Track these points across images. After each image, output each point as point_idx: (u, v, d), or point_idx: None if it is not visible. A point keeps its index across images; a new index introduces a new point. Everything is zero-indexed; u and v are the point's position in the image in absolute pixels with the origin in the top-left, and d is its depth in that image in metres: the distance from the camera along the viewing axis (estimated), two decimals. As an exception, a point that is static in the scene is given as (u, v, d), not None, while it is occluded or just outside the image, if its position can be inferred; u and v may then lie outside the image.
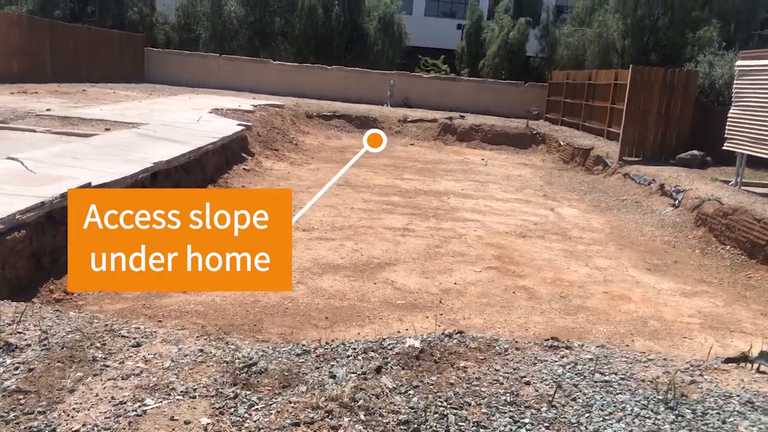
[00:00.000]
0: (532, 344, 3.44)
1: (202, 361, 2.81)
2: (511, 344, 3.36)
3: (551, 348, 3.41)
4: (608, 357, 3.34)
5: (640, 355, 3.44)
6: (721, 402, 2.89)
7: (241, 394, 2.51)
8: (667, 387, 2.90)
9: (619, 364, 3.25)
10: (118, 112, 12.30)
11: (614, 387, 2.95)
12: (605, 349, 3.49)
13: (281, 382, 2.67)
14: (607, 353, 3.40)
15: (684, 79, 13.90)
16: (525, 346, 3.39)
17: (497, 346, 3.28)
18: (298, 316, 5.25)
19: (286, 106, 19.68)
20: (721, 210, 9.60)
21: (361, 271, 6.59)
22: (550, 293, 6.53)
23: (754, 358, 3.46)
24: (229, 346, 3.06)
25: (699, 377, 3.17)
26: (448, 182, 12.98)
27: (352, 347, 3.14)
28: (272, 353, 3.03)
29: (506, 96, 26.65)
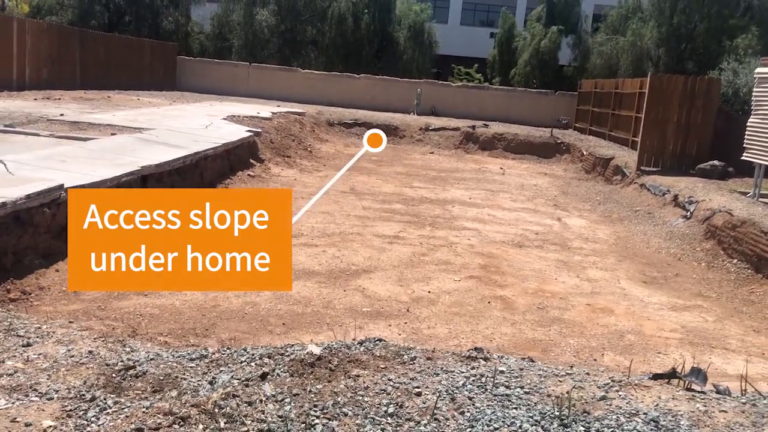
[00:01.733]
0: (448, 354, 3.32)
1: (83, 363, 2.77)
2: (423, 354, 3.24)
3: (468, 359, 3.28)
4: (524, 370, 3.20)
5: (560, 369, 3.28)
6: (623, 420, 2.72)
7: (101, 397, 2.46)
8: (566, 403, 2.75)
9: (533, 377, 3.10)
10: (130, 117, 12.51)
11: (513, 401, 2.81)
12: (525, 362, 3.34)
13: (154, 387, 2.61)
14: (524, 366, 3.25)
15: (705, 88, 13.49)
16: (439, 356, 3.27)
17: (405, 355, 3.17)
18: (254, 322, 5.20)
19: (308, 114, 19.78)
20: (730, 222, 9.25)
21: (335, 277, 6.52)
22: (528, 304, 6.34)
23: (685, 374, 3.27)
24: (124, 349, 3.02)
25: (614, 393, 3.00)
26: (458, 191, 12.82)
27: (250, 353, 3.06)
28: (165, 357, 2.97)
29: (536, 105, 26.29)
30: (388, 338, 5.19)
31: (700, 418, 2.81)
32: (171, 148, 9.16)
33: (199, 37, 32.42)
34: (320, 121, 19.83)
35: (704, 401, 3.01)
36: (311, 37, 30.12)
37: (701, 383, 3.21)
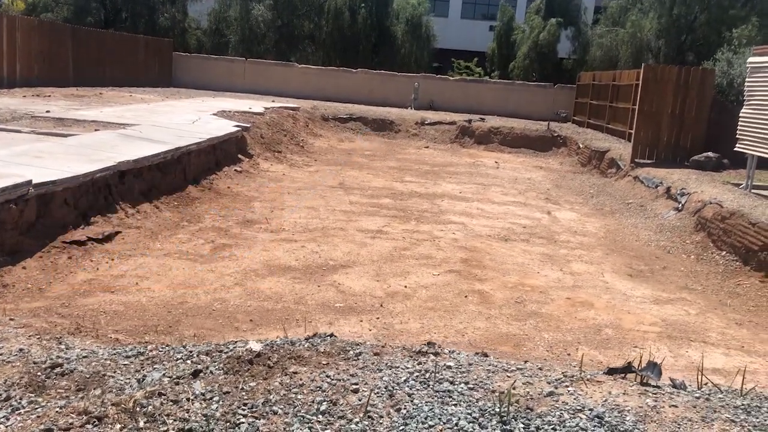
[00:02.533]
0: (397, 350, 3.22)
1: (9, 362, 2.69)
2: (371, 349, 3.15)
3: (417, 354, 3.19)
4: (473, 365, 3.10)
5: (511, 364, 3.19)
6: (567, 416, 2.63)
7: (17, 396, 2.38)
8: (508, 398, 2.65)
9: (480, 372, 3.01)
10: (117, 114, 12.43)
11: (454, 397, 2.72)
12: (477, 357, 3.25)
13: (78, 385, 2.53)
14: (474, 361, 3.16)
15: (699, 78, 13.33)
16: (387, 351, 3.17)
17: (351, 351, 3.08)
18: (221, 319, 5.12)
19: (302, 109, 19.68)
20: (719, 214, 9.12)
21: (311, 273, 6.43)
22: (506, 298, 6.24)
23: (640, 369, 3.17)
24: (59, 346, 2.93)
25: (563, 389, 2.90)
26: (449, 185, 12.71)
27: (188, 350, 2.98)
28: (99, 354, 2.89)
29: (534, 98, 26.10)
30: (358, 334, 5.12)
31: (647, 414, 2.71)
32: (153, 144, 9.08)
33: (196, 33, 32.34)
34: (315, 116, 19.73)
35: (656, 396, 2.91)
36: (308, 32, 30.00)
37: (656, 377, 3.10)
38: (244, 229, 7.87)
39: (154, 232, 7.25)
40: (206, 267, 6.26)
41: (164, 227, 7.55)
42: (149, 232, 7.18)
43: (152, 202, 8.17)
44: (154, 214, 7.91)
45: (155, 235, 7.12)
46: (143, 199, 8.07)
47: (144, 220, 7.57)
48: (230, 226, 7.99)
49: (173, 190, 8.89)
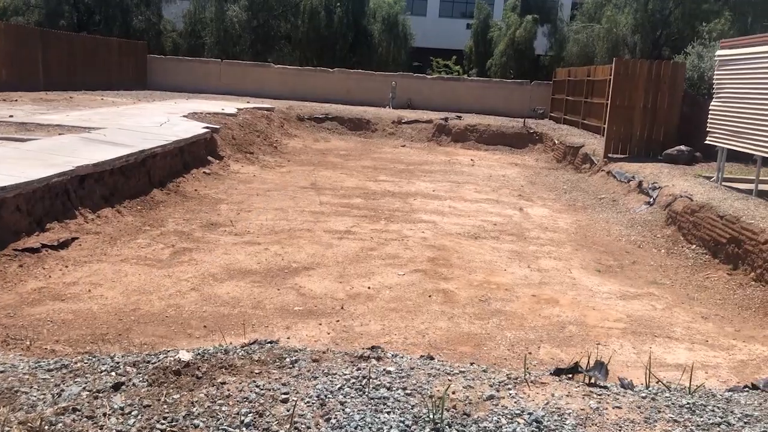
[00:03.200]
0: (338, 355, 3.11)
1: None
2: (310, 356, 3.04)
3: (359, 359, 3.08)
4: (415, 369, 3.00)
5: (455, 366, 3.09)
6: (504, 421, 2.53)
7: None
8: (441, 404, 2.55)
9: (421, 377, 2.90)
10: (84, 117, 12.22)
11: (388, 404, 2.61)
12: (420, 360, 3.15)
13: (-13, 403, 2.39)
14: (417, 365, 3.05)
15: (671, 72, 13.34)
16: (327, 357, 3.06)
17: (288, 358, 2.96)
18: (174, 325, 4.98)
19: (277, 109, 19.52)
20: (689, 207, 9.11)
21: (272, 276, 6.30)
22: (471, 296, 6.15)
23: (588, 369, 3.09)
24: (-19, 360, 2.80)
25: (504, 392, 2.81)
26: (423, 183, 12.62)
27: (115, 361, 2.85)
28: (20, 368, 2.76)
29: (511, 95, 26.10)
30: (316, 338, 5.01)
31: (588, 416, 2.62)
32: (116, 147, 8.91)
33: (172, 35, 32.05)
34: (290, 117, 19.57)
35: (600, 397, 2.82)
36: (285, 32, 29.81)
37: (603, 377, 3.02)
38: (207, 233, 7.73)
39: (114, 237, 7.09)
40: (163, 272, 6.12)
41: (125, 232, 7.39)
42: (108, 238, 7.02)
43: (114, 206, 8.01)
44: (116, 218, 7.75)
45: (114, 241, 6.96)
46: (105, 203, 7.90)
47: (104, 226, 7.41)
48: (193, 229, 7.84)
49: (137, 194, 8.72)
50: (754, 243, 7.33)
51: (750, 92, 9.86)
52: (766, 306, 6.47)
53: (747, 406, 2.86)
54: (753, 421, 2.68)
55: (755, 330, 5.93)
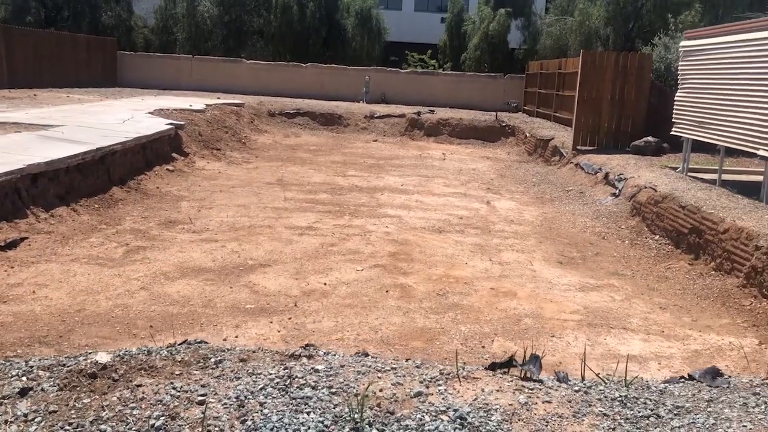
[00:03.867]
0: (269, 354, 3.03)
1: None
2: (238, 355, 2.95)
3: (290, 358, 3.00)
4: (345, 366, 2.92)
5: (388, 363, 3.01)
6: (428, 419, 2.46)
7: None
8: (362, 403, 2.48)
9: (350, 374, 2.83)
10: (44, 115, 11.98)
11: (310, 404, 2.53)
12: (353, 358, 3.07)
13: None
14: (348, 362, 2.98)
15: (638, 63, 13.37)
16: (257, 357, 2.97)
17: (213, 358, 2.87)
18: (119, 326, 4.86)
19: (248, 105, 19.33)
20: (653, 198, 9.13)
21: (226, 274, 6.19)
22: (429, 291, 6.09)
23: (522, 363, 3.03)
24: None
25: (434, 388, 2.74)
26: (392, 178, 12.54)
27: (28, 365, 2.74)
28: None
29: (485, 89, 26.09)
30: (265, 336, 4.91)
31: (516, 412, 2.56)
32: (73, 145, 8.72)
33: (143, 31, 31.63)
34: (260, 112, 19.39)
35: (531, 392, 2.77)
36: (257, 27, 29.53)
37: (537, 371, 2.96)
38: (164, 231, 7.59)
39: (66, 236, 6.93)
40: (114, 271, 5.98)
41: (79, 231, 7.23)
42: (60, 237, 6.86)
43: (70, 205, 7.84)
44: (71, 217, 7.58)
45: (66, 240, 6.80)
46: (60, 202, 7.73)
47: (58, 225, 7.24)
48: (150, 227, 7.70)
49: (95, 192, 8.55)
50: (714, 233, 7.35)
51: (712, 83, 9.90)
52: (724, 295, 6.49)
53: (680, 397, 2.82)
54: (683, 412, 2.64)
55: (712, 319, 5.93)
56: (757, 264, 6.42)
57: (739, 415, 2.63)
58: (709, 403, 2.76)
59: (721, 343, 5.34)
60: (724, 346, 5.27)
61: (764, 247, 6.40)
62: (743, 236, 6.83)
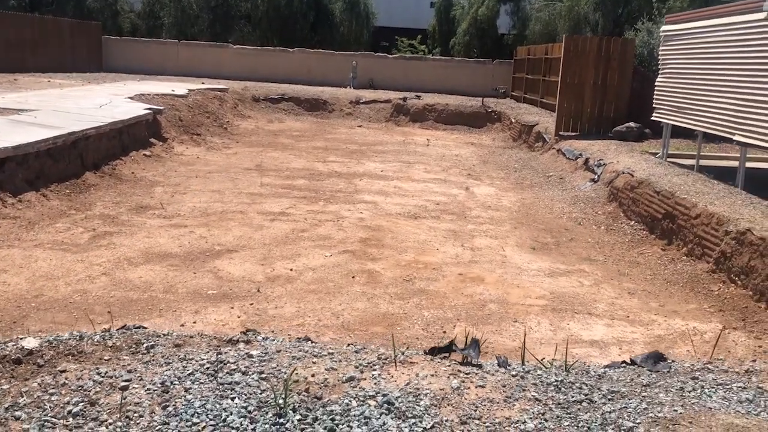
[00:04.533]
0: (205, 339, 2.98)
1: None
2: (173, 340, 2.90)
3: (227, 343, 2.96)
4: (282, 351, 2.88)
5: (326, 347, 2.98)
6: (355, 404, 2.43)
7: None
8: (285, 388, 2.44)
9: (284, 359, 2.79)
10: (20, 99, 11.85)
11: (237, 390, 2.49)
12: (292, 343, 3.03)
13: None
14: (285, 347, 2.94)
15: (620, 48, 13.31)
16: (192, 342, 2.93)
17: (146, 343, 2.82)
18: (77, 311, 4.80)
19: (232, 90, 19.19)
20: (629, 183, 9.11)
21: (192, 259, 6.13)
22: (396, 277, 6.05)
23: (463, 348, 3.00)
24: None
25: (368, 373, 2.71)
26: (373, 164, 12.48)
27: (-46, 351, 2.69)
28: None
29: (474, 75, 25.96)
30: (224, 322, 4.87)
31: (446, 397, 2.53)
32: (45, 129, 8.62)
33: (129, 15, 31.34)
34: (245, 97, 19.26)
35: (467, 376, 2.74)
36: (244, 12, 29.27)
37: (476, 356, 2.93)
38: (134, 216, 7.52)
39: (32, 222, 6.85)
40: (77, 257, 5.92)
41: (47, 216, 7.16)
42: (26, 223, 6.78)
43: (39, 190, 7.75)
44: (39, 203, 7.50)
45: (32, 225, 6.73)
46: (29, 187, 7.64)
47: (26, 210, 7.16)
48: (121, 212, 7.63)
49: (67, 178, 8.47)
50: (686, 218, 7.33)
51: (691, 68, 9.86)
52: (693, 281, 6.48)
53: (618, 382, 2.79)
54: (618, 397, 2.61)
55: (679, 305, 5.92)
56: (726, 249, 6.41)
57: (672, 399, 2.60)
58: (645, 387, 2.74)
59: (685, 328, 5.33)
60: (687, 331, 5.26)
61: (733, 233, 6.39)
62: (714, 221, 6.82)
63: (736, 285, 6.11)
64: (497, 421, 2.40)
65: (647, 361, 3.00)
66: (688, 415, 2.42)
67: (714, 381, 2.84)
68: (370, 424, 2.31)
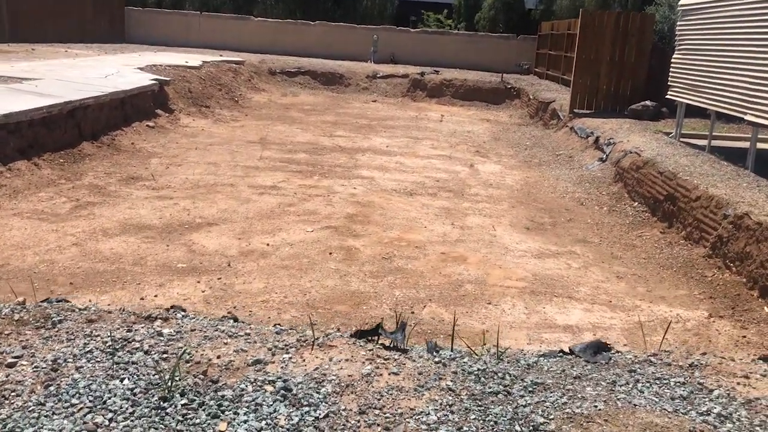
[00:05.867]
0: (125, 315, 2.87)
1: None
2: (86, 316, 2.80)
3: (145, 319, 2.85)
4: (198, 330, 2.76)
5: (243, 328, 2.85)
6: (251, 389, 2.30)
7: None
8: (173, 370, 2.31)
9: (194, 339, 2.67)
10: (29, 68, 11.86)
11: (130, 369, 2.39)
12: (213, 322, 2.90)
13: None
14: (203, 326, 2.81)
15: (639, 24, 12.84)
16: (106, 318, 2.83)
17: (55, 318, 2.72)
18: (39, 281, 4.75)
19: (248, 62, 19.07)
20: (635, 163, 8.80)
21: (169, 232, 6.05)
22: (375, 254, 5.90)
23: (393, 332, 2.84)
24: None
25: (279, 356, 2.58)
26: (380, 139, 12.28)
27: None
28: None
29: (497, 50, 25.43)
30: (187, 296, 4.77)
31: (352, 384, 2.39)
32: (41, 98, 8.59)
33: (154, -14, 31.23)
34: (261, 70, 19.12)
35: (385, 362, 2.59)
36: (267, -15, 29.04)
37: (402, 340, 2.78)
38: (123, 187, 7.46)
39: (18, 190, 6.83)
40: (53, 226, 5.88)
41: (34, 185, 7.14)
42: (11, 191, 6.76)
43: (31, 159, 7.73)
44: (30, 171, 7.48)
45: (16, 194, 6.71)
46: (20, 156, 7.62)
47: (13, 179, 7.14)
48: (110, 183, 7.58)
49: (62, 147, 8.44)
50: (686, 200, 7.05)
51: (707, 43, 9.44)
52: (688, 265, 6.23)
53: (547, 373, 2.62)
54: (540, 390, 2.44)
55: (668, 290, 5.68)
56: (722, 234, 6.13)
57: (598, 394, 2.42)
58: (575, 380, 2.56)
59: (669, 314, 5.10)
60: (670, 318, 5.04)
61: (731, 216, 6.11)
62: (713, 204, 6.53)
63: (731, 272, 5.84)
64: (399, 412, 2.25)
65: (586, 351, 2.81)
66: (606, 412, 2.24)
67: (652, 375, 2.64)
68: (259, 411, 2.18)
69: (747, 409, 2.40)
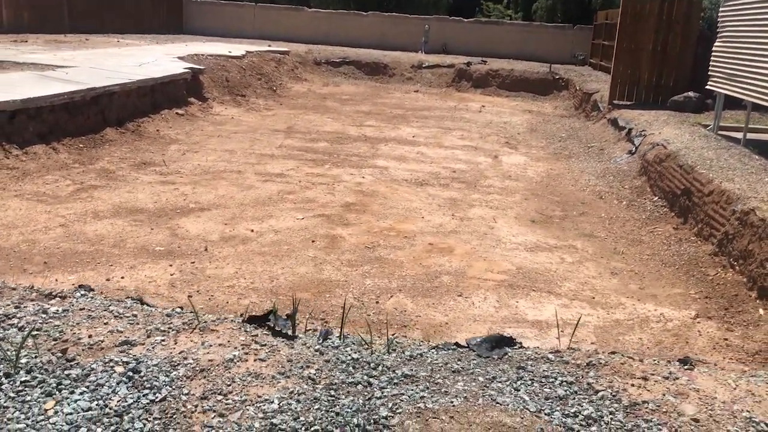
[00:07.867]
0: (20, 292, 2.90)
1: None
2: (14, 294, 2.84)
3: (45, 297, 2.88)
4: (84, 309, 2.77)
5: (134, 309, 2.83)
6: (100, 369, 2.28)
7: None
8: (18, 348, 2.31)
9: (78, 318, 2.67)
10: (69, 57, 12.29)
11: (-5, 346, 2.39)
12: (107, 302, 2.90)
13: None
14: (94, 306, 2.81)
15: (685, 11, 12.23)
16: (10, 294, 2.86)
17: None
18: (15, 260, 4.89)
19: (294, 53, 19.22)
20: (658, 156, 8.40)
21: (159, 216, 6.14)
22: (359, 243, 5.83)
23: (285, 318, 2.78)
24: None
25: (154, 338, 2.57)
26: (409, 129, 12.16)
27: None
28: None
29: (553, 40, 24.81)
30: (153, 279, 4.82)
31: (208, 369, 2.34)
32: (68, 85, 8.87)
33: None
34: (306, 60, 19.24)
35: (257, 349, 2.53)
36: (323, -24, 29.17)
37: (289, 327, 2.70)
38: (132, 172, 7.63)
39: (27, 173, 7.07)
40: (47, 208, 6.05)
41: (45, 168, 7.37)
42: (21, 174, 7.00)
43: (50, 143, 7.99)
44: (46, 155, 7.73)
45: (24, 177, 6.94)
46: (39, 140, 7.88)
47: (28, 162, 7.40)
48: (121, 168, 7.76)
49: (84, 132, 8.69)
50: (700, 195, 6.68)
51: (747, 31, 8.89)
52: (692, 263, 5.89)
53: (425, 366, 2.50)
54: (407, 382, 2.33)
55: (663, 288, 5.39)
56: (729, 230, 5.78)
57: (467, 389, 2.29)
58: (453, 373, 2.43)
59: (652, 314, 4.84)
60: (652, 317, 4.78)
61: (738, 212, 5.74)
62: (724, 200, 6.16)
63: (734, 271, 5.50)
64: (243, 399, 2.18)
65: (482, 345, 2.66)
66: (457, 408, 2.11)
67: (541, 373, 2.47)
68: (96, 392, 2.15)
69: (627, 413, 2.22)
